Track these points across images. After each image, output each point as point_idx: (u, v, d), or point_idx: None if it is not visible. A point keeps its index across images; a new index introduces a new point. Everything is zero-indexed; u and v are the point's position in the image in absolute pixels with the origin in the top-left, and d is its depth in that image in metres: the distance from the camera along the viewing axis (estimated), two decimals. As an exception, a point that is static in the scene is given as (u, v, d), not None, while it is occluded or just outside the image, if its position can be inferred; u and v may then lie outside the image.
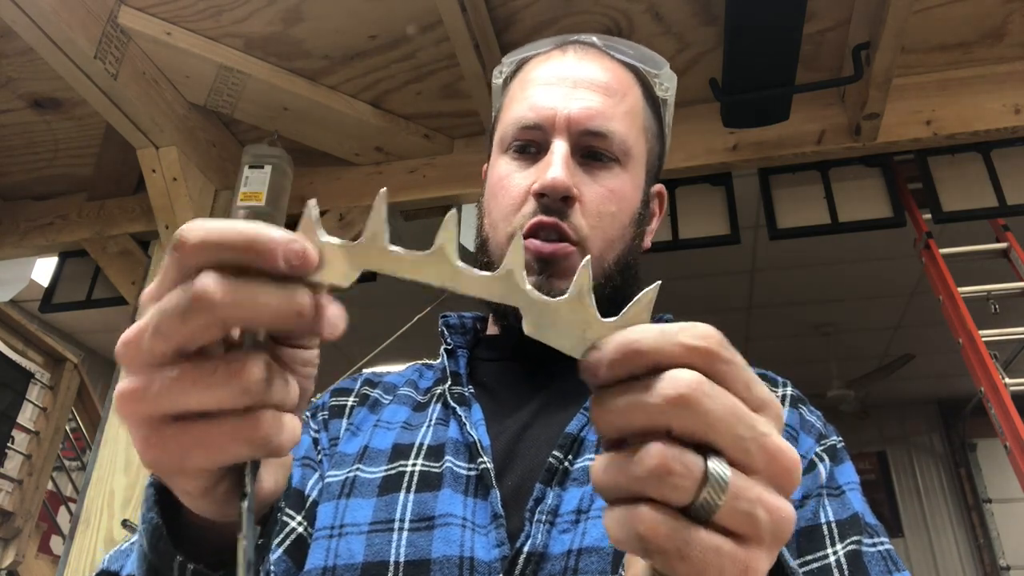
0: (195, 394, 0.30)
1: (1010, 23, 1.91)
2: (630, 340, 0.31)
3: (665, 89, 0.80)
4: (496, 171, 0.73)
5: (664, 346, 0.31)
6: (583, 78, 0.72)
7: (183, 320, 0.30)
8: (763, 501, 0.30)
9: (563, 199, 0.67)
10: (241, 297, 0.30)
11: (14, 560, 3.08)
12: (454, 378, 0.71)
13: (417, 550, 0.57)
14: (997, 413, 2.30)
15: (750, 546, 0.30)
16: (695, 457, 0.30)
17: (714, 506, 0.29)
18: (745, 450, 0.30)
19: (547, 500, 0.58)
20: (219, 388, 0.30)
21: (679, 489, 0.29)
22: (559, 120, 0.69)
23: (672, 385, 0.30)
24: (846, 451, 0.67)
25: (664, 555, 0.29)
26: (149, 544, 0.39)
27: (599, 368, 0.32)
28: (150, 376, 0.31)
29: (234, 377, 0.31)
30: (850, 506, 0.60)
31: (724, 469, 0.30)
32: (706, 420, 0.30)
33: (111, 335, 5.00)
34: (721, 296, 4.06)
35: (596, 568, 0.54)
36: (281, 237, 0.31)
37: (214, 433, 0.31)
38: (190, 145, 2.17)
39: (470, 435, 0.64)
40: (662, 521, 0.29)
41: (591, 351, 0.32)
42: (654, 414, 0.30)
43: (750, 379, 0.32)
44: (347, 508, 0.62)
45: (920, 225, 2.47)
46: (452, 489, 0.61)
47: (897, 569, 0.58)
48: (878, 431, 5.57)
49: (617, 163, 0.71)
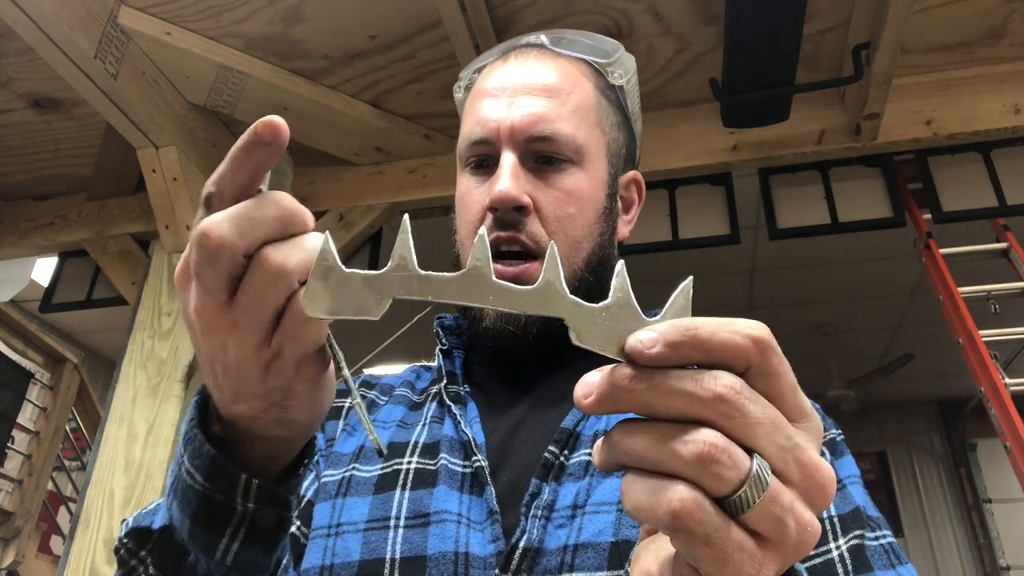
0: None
1: (1010, 23, 1.91)
2: (690, 324, 0.31)
3: (619, 76, 0.79)
4: (459, 188, 0.74)
5: (723, 334, 0.31)
6: (524, 84, 0.72)
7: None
8: (795, 512, 0.31)
9: (516, 209, 0.66)
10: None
11: (14, 560, 3.08)
12: (450, 377, 0.72)
13: (413, 547, 0.57)
14: (997, 413, 2.30)
15: (770, 550, 0.31)
16: (743, 454, 0.30)
17: (749, 505, 0.29)
18: (784, 460, 0.31)
19: (543, 495, 0.58)
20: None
21: (722, 480, 0.29)
22: (503, 131, 0.69)
23: (720, 383, 0.30)
24: (846, 444, 0.67)
25: (690, 536, 0.30)
26: (207, 474, 0.41)
27: (652, 346, 0.31)
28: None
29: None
30: (852, 500, 0.61)
31: (767, 472, 0.30)
32: (747, 423, 0.30)
33: (111, 335, 5.00)
34: (721, 296, 4.06)
35: (592, 563, 0.54)
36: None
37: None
38: (190, 145, 2.17)
39: (464, 433, 0.64)
40: (699, 504, 0.29)
41: (641, 333, 0.31)
42: (697, 405, 0.30)
43: (795, 384, 0.32)
44: (344, 507, 0.62)
45: (920, 225, 2.47)
46: (447, 486, 0.61)
47: (900, 562, 0.58)
48: (878, 431, 5.57)
49: (571, 163, 0.70)
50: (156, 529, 0.48)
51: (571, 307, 0.33)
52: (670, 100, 2.11)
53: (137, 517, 0.52)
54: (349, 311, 0.33)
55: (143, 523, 0.50)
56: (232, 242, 0.35)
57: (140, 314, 2.18)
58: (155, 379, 2.06)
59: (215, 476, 0.41)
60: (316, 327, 0.37)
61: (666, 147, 2.10)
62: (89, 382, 3.67)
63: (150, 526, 0.49)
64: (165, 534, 0.47)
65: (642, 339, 0.31)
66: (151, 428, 2.00)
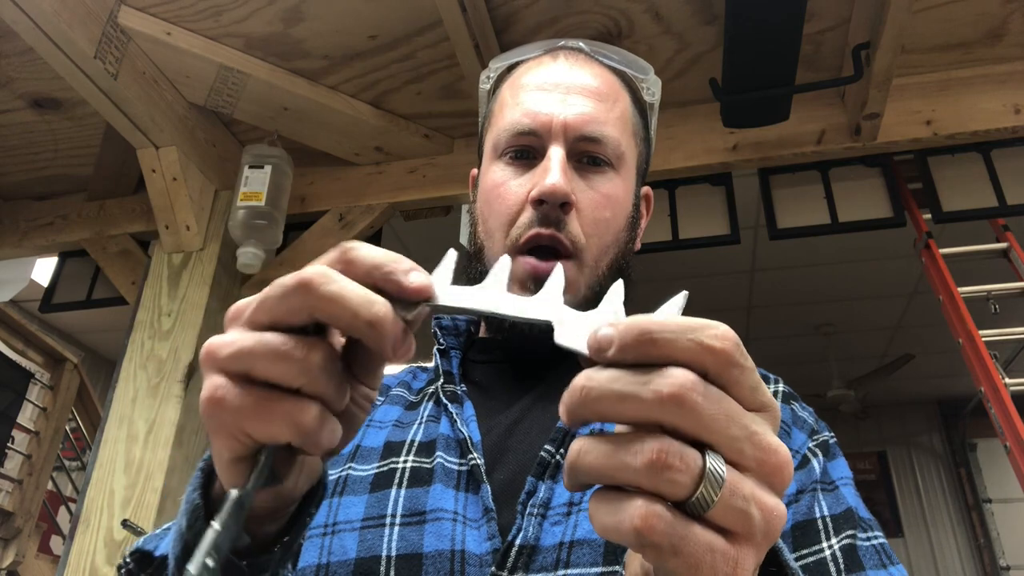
0: (264, 359, 0.34)
1: (1010, 23, 1.91)
2: (646, 328, 0.31)
3: (652, 94, 0.82)
4: (490, 177, 0.73)
5: (679, 341, 0.31)
6: (576, 84, 0.72)
7: (283, 298, 0.35)
8: (757, 499, 0.30)
9: (561, 205, 0.67)
10: (334, 290, 0.34)
11: (14, 560, 3.08)
12: (446, 377, 0.72)
13: (409, 544, 0.58)
14: (997, 413, 2.30)
15: (741, 544, 0.30)
16: (694, 453, 0.30)
17: (710, 503, 0.29)
18: (739, 450, 0.30)
19: (539, 493, 0.59)
20: (284, 361, 0.34)
21: (676, 484, 0.29)
22: (555, 126, 0.69)
23: (668, 383, 0.30)
24: (838, 446, 0.68)
25: (657, 549, 0.29)
26: (188, 521, 0.41)
27: (608, 346, 0.31)
28: (238, 335, 0.35)
29: (299, 355, 0.34)
30: (844, 501, 0.61)
31: (721, 466, 0.30)
32: (699, 420, 0.30)
33: (111, 335, 5.00)
34: (721, 296, 4.06)
35: (587, 560, 0.54)
36: (408, 265, 0.36)
37: (271, 407, 0.34)
38: (190, 145, 2.17)
39: (461, 431, 0.64)
40: (659, 515, 0.29)
41: (604, 328, 0.32)
42: (646, 409, 0.30)
43: (756, 383, 0.32)
44: (340, 506, 0.63)
45: (920, 225, 2.47)
46: (443, 484, 0.61)
47: (891, 562, 0.58)
48: (878, 431, 5.57)
49: (611, 167, 0.72)
50: (156, 557, 0.49)
51: (570, 315, 0.37)
52: (670, 100, 2.11)
53: (146, 539, 0.53)
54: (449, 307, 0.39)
55: (148, 546, 0.50)
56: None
57: (140, 314, 2.18)
58: (155, 379, 2.06)
59: (193, 524, 0.41)
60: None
61: (666, 147, 2.10)
62: (89, 382, 3.67)
63: (152, 551, 0.50)
64: (162, 564, 0.47)
65: (599, 337, 0.32)
66: (151, 428, 2.00)
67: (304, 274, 0.34)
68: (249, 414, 0.35)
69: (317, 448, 0.36)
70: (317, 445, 0.35)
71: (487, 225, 0.72)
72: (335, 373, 0.36)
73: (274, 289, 0.35)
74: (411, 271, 0.36)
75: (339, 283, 0.34)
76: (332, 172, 2.36)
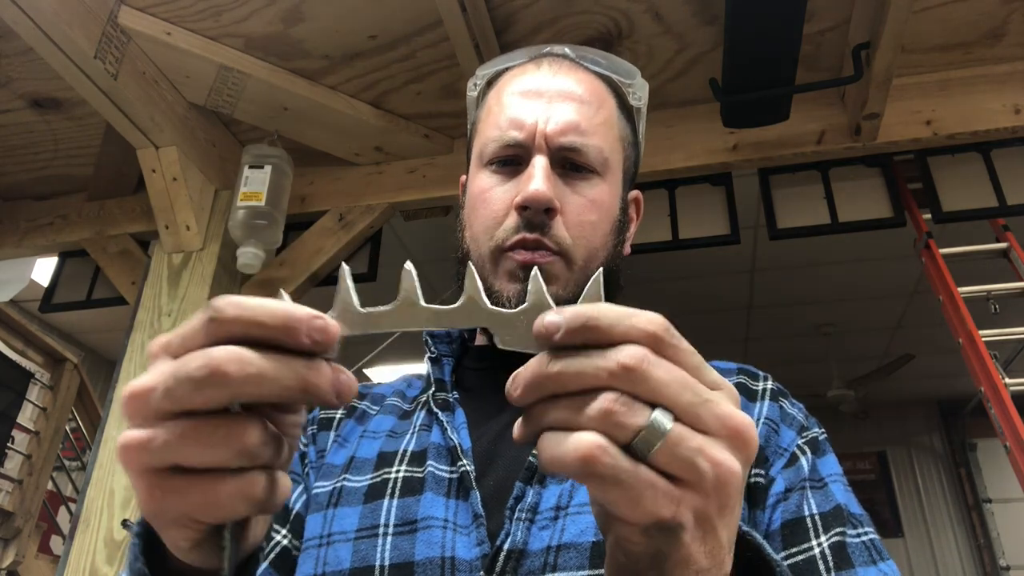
0: (197, 451, 0.33)
1: (1010, 23, 1.91)
2: (590, 314, 0.33)
3: (638, 98, 0.81)
4: (477, 184, 0.74)
5: (618, 325, 0.33)
6: (560, 91, 0.73)
7: (196, 389, 0.32)
8: (705, 452, 0.32)
9: (545, 211, 0.67)
10: (255, 374, 0.32)
11: (14, 560, 3.08)
12: (438, 385, 0.73)
13: (401, 553, 0.58)
14: (997, 413, 2.30)
15: (688, 490, 0.33)
16: (643, 406, 0.32)
17: (650, 446, 0.32)
18: (695, 415, 0.33)
19: (527, 498, 0.59)
20: (220, 448, 0.33)
21: (621, 427, 0.32)
22: (538, 134, 0.70)
23: (623, 355, 0.32)
24: (828, 443, 0.68)
25: (601, 480, 0.32)
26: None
27: (555, 331, 0.33)
28: (154, 429, 0.33)
29: (235, 439, 0.33)
30: (833, 498, 0.61)
31: (667, 420, 0.32)
32: (650, 385, 0.32)
33: (111, 335, 5.00)
34: (721, 296, 4.06)
35: (574, 563, 0.55)
36: (304, 313, 0.34)
37: (217, 491, 0.33)
38: (190, 145, 2.17)
39: (451, 439, 0.65)
40: (604, 448, 0.31)
41: (548, 314, 0.34)
42: (603, 379, 0.32)
43: (699, 363, 0.35)
44: (335, 517, 0.64)
45: (920, 225, 2.47)
46: (434, 492, 0.62)
47: (881, 559, 0.58)
48: (878, 431, 5.57)
49: (596, 174, 0.72)
50: None
51: (491, 316, 0.37)
52: (670, 100, 2.11)
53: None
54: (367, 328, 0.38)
55: None
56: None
57: (140, 314, 2.18)
58: (155, 379, 2.06)
59: None
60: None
61: (666, 147, 2.10)
62: (89, 382, 3.67)
63: None
64: None
65: (546, 324, 0.34)
66: (151, 428, 2.00)
67: (212, 361, 0.32)
68: (197, 504, 0.33)
69: (275, 509, 0.35)
70: (274, 507, 0.35)
71: (473, 230, 0.73)
72: (272, 438, 0.35)
73: (180, 380, 0.32)
74: (313, 320, 0.33)
75: (255, 364, 0.32)
76: (332, 172, 2.36)
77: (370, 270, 2.36)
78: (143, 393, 0.34)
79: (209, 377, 0.32)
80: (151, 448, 0.33)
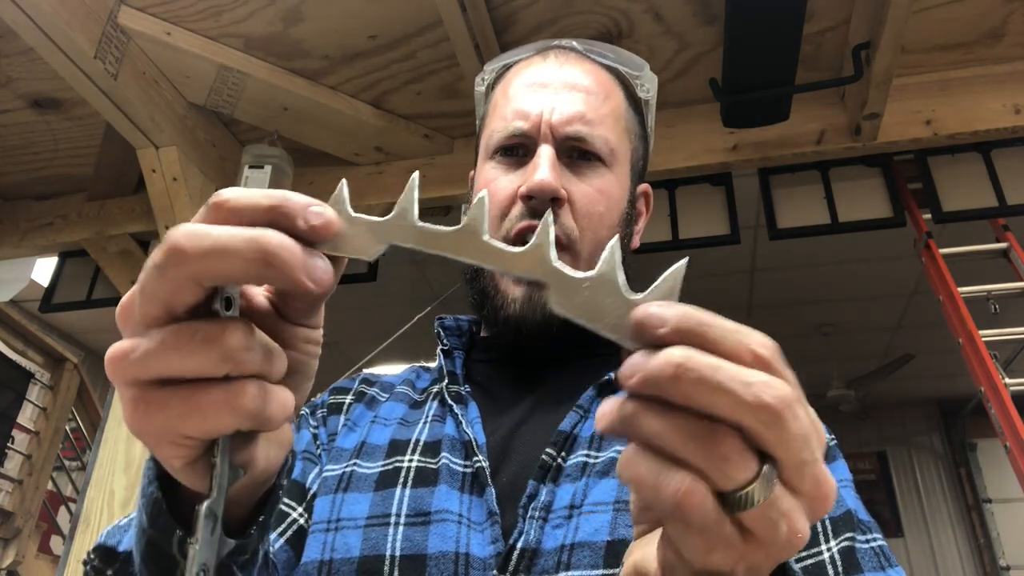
0: (177, 358, 0.31)
1: (1010, 23, 1.91)
2: (702, 319, 0.30)
3: (646, 91, 0.81)
4: (483, 175, 0.74)
5: (727, 339, 0.30)
6: (566, 82, 0.73)
7: (161, 276, 0.30)
8: (790, 518, 0.30)
9: (551, 200, 0.67)
10: (208, 245, 0.30)
11: (14, 560, 3.08)
12: (451, 377, 0.72)
13: (413, 544, 0.58)
14: (997, 413, 2.30)
15: (754, 546, 0.31)
16: (753, 457, 0.30)
17: (748, 505, 0.30)
18: (800, 473, 0.30)
19: (540, 497, 0.59)
20: (199, 353, 0.31)
21: (726, 477, 0.29)
22: (544, 125, 0.70)
23: (772, 393, 0.29)
24: (838, 448, 0.68)
25: (686, 524, 0.30)
26: (149, 518, 0.38)
27: (659, 327, 0.30)
28: (138, 339, 0.31)
29: (213, 342, 0.31)
30: (843, 503, 0.61)
31: (773, 477, 0.30)
32: (783, 438, 0.29)
33: (111, 335, 4.97)
34: (721, 296, 4.06)
35: (588, 562, 0.54)
36: (303, 200, 0.32)
37: (200, 401, 0.31)
38: (190, 145, 2.17)
39: (466, 433, 0.64)
40: (704, 498, 0.29)
41: (653, 305, 0.31)
42: (739, 411, 0.29)
43: (807, 407, 0.31)
44: (344, 502, 0.63)
45: (920, 225, 2.47)
46: (448, 485, 0.61)
47: (890, 565, 0.58)
48: (878, 431, 5.57)
49: (603, 163, 0.72)
50: (121, 552, 0.47)
51: (554, 272, 0.33)
52: (670, 100, 2.11)
53: (109, 532, 0.50)
54: (349, 250, 0.34)
55: (111, 541, 0.48)
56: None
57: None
58: (155, 379, 2.06)
59: (155, 520, 0.38)
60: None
61: (666, 147, 2.10)
62: (89, 382, 3.67)
63: (116, 547, 0.48)
64: (128, 560, 0.45)
65: (651, 315, 0.30)
66: (151, 428, 2.00)
67: (171, 240, 0.30)
68: (182, 415, 0.31)
69: (272, 424, 0.33)
70: (271, 421, 0.33)
71: None
72: (262, 344, 0.33)
73: (148, 273, 0.31)
74: (310, 205, 0.32)
75: (212, 234, 0.30)
76: (332, 172, 2.36)
77: (370, 270, 2.37)
78: (128, 303, 0.32)
79: (167, 258, 0.30)
80: (133, 357, 0.31)
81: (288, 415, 0.34)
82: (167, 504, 0.38)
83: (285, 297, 0.36)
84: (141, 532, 0.40)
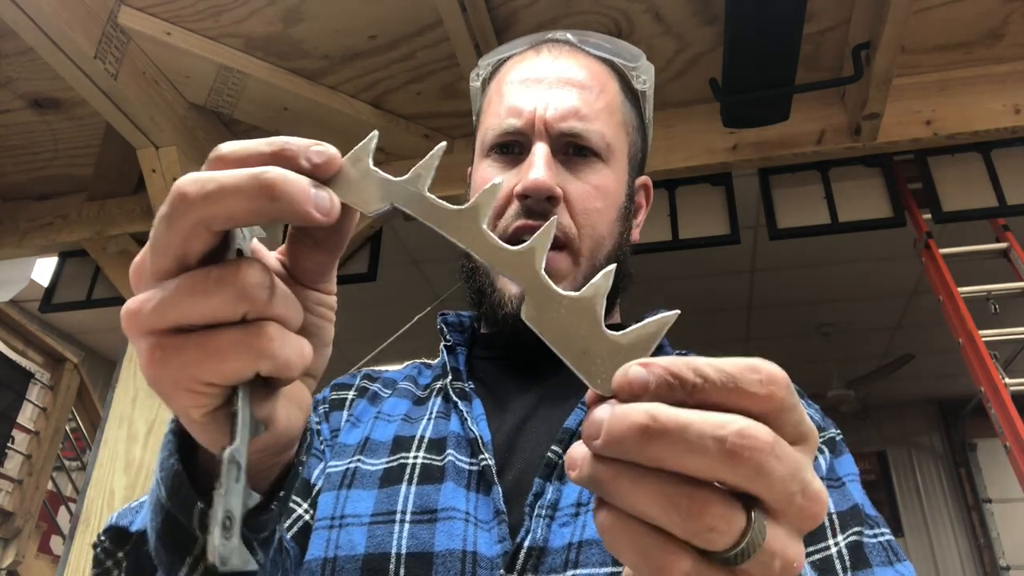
0: (192, 302, 0.30)
1: (1010, 23, 1.91)
2: (695, 364, 0.27)
3: (643, 81, 0.79)
4: (479, 174, 0.74)
5: (727, 386, 0.27)
6: (559, 77, 0.72)
7: (169, 226, 0.30)
8: (783, 553, 0.28)
9: (547, 199, 0.67)
10: (212, 187, 0.29)
11: (14, 560, 3.08)
12: (454, 373, 0.72)
13: (420, 542, 0.57)
14: (997, 413, 2.30)
15: None
16: (740, 513, 0.27)
17: (741, 562, 0.28)
18: (789, 502, 0.28)
19: (546, 495, 0.58)
20: (215, 294, 0.30)
21: (714, 543, 0.27)
22: (538, 121, 0.69)
23: (749, 444, 0.26)
24: (844, 443, 0.68)
25: None
26: (169, 491, 0.37)
27: (640, 391, 0.28)
28: (152, 291, 0.31)
29: (229, 281, 0.30)
30: (850, 497, 0.61)
31: (763, 527, 0.28)
32: (769, 484, 0.27)
33: (111, 335, 5.00)
34: (721, 296, 4.06)
35: (596, 560, 0.54)
36: (305, 141, 0.32)
37: (217, 343, 0.30)
38: (190, 145, 2.17)
39: (471, 430, 0.64)
40: (693, 568, 0.27)
41: (632, 366, 0.28)
42: (714, 469, 0.26)
43: (801, 416, 0.29)
44: (347, 499, 0.62)
45: (920, 225, 2.47)
46: (455, 483, 0.61)
47: (898, 559, 0.58)
48: (878, 431, 5.57)
49: (599, 159, 0.71)
50: (133, 532, 0.46)
51: (537, 282, 0.32)
52: (670, 100, 2.11)
53: (120, 513, 0.50)
54: (351, 198, 0.35)
55: (123, 522, 0.48)
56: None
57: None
58: (155, 379, 2.06)
59: (175, 493, 0.37)
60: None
61: (666, 147, 2.10)
62: (89, 382, 3.67)
63: (128, 527, 0.47)
64: (141, 540, 0.44)
65: (630, 379, 0.28)
66: (151, 428, 2.00)
67: (176, 189, 0.30)
68: (199, 359, 0.30)
69: (290, 370, 0.32)
70: (289, 366, 0.32)
71: None
72: (278, 287, 0.32)
73: (157, 227, 0.30)
74: (311, 145, 0.32)
75: (216, 177, 0.30)
76: (332, 172, 2.36)
77: (370, 270, 2.36)
78: (140, 260, 0.32)
79: (173, 207, 0.30)
80: (147, 308, 0.30)
81: (306, 362, 0.33)
82: (189, 477, 0.37)
83: (297, 257, 0.36)
84: (158, 507, 0.39)
